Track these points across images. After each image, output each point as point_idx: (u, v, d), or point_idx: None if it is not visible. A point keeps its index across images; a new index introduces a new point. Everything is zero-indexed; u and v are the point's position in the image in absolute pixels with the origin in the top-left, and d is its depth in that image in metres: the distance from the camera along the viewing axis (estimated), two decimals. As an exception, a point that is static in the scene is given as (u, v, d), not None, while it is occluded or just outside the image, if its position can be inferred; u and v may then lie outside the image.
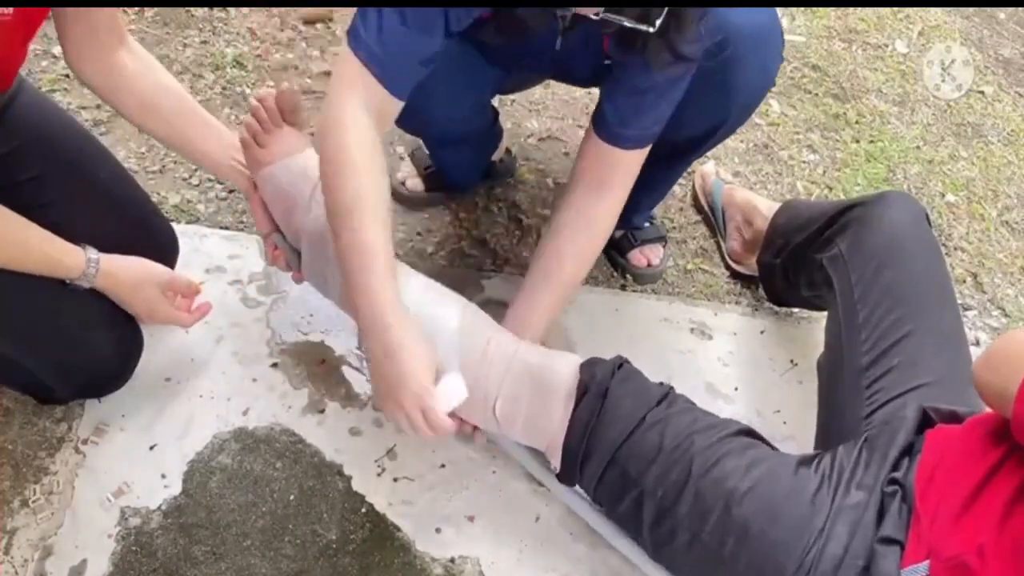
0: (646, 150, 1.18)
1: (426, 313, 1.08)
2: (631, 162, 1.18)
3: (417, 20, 0.97)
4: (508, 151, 1.64)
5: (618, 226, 1.55)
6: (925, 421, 0.98)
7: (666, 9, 0.93)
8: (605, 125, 1.15)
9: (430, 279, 1.16)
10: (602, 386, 1.04)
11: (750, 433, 1.04)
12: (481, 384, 1.07)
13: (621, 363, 1.08)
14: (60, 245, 1.02)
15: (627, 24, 0.93)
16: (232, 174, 1.20)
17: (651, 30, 0.94)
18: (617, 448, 1.00)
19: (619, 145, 1.15)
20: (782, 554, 0.90)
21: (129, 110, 1.14)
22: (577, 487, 1.11)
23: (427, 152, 1.53)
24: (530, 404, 1.07)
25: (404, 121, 1.36)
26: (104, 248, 1.07)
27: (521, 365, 1.08)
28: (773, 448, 1.05)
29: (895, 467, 0.93)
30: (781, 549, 0.90)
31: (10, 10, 0.88)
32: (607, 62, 1.13)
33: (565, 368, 1.07)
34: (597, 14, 0.92)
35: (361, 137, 0.99)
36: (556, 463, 1.08)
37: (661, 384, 1.08)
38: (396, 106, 1.03)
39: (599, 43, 1.09)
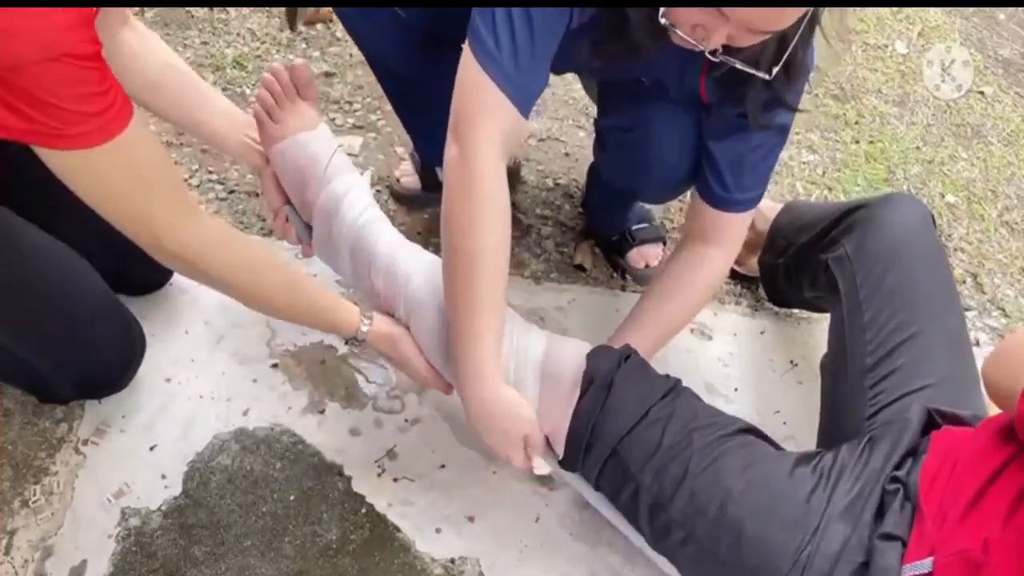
0: (750, 214, 1.18)
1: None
2: (735, 225, 1.18)
3: (545, 22, 0.95)
4: (516, 161, 1.63)
5: (616, 227, 1.56)
6: (929, 423, 0.98)
7: (785, 57, 0.94)
8: (706, 187, 1.16)
9: (436, 259, 1.15)
10: (607, 378, 1.04)
11: (752, 431, 1.04)
12: None
13: (628, 355, 1.08)
14: (340, 308, 1.09)
15: (740, 67, 0.93)
16: (242, 150, 1.19)
17: (767, 77, 0.94)
18: (618, 442, 1.01)
19: (720, 208, 1.16)
20: (776, 554, 0.90)
21: (135, 89, 1.12)
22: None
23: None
24: (536, 391, 1.07)
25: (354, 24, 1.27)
26: (106, 250, 1.06)
27: (527, 352, 1.08)
28: (776, 446, 1.05)
29: (898, 467, 0.93)
30: (775, 549, 0.90)
31: None
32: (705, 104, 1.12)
33: (570, 358, 1.07)
34: (716, 55, 0.91)
35: (497, 185, 0.98)
36: (559, 450, 1.08)
37: (667, 377, 1.08)
38: (524, 126, 1.02)
39: (696, 80, 1.08)
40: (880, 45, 2.21)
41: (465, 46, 0.98)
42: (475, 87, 0.96)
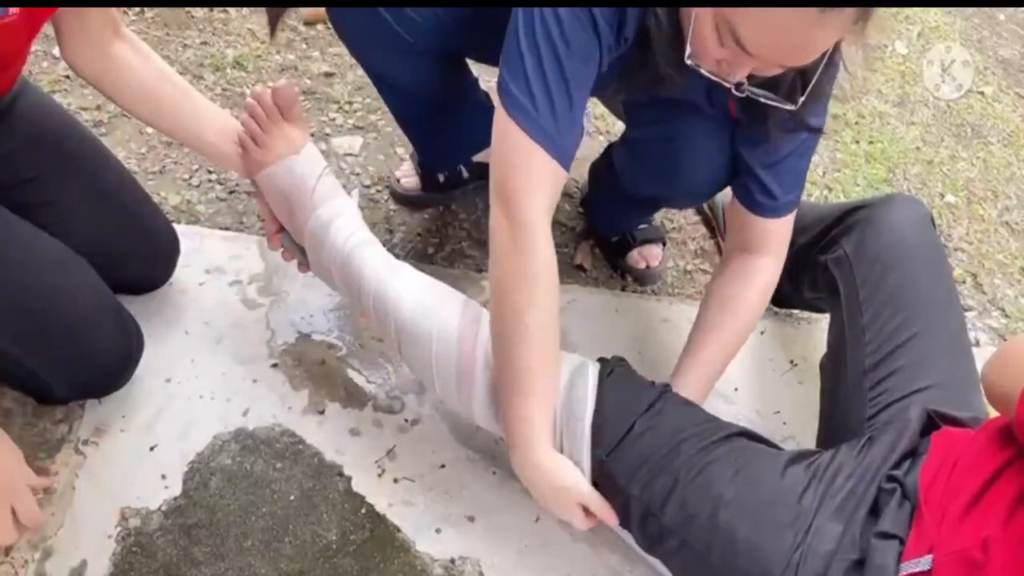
0: (791, 217, 1.17)
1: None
2: (781, 231, 1.18)
3: (577, 73, 0.93)
4: None
5: (617, 228, 1.56)
6: (929, 424, 0.98)
7: (810, 88, 0.94)
8: (748, 196, 1.15)
9: (433, 281, 1.16)
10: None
11: (744, 434, 1.04)
12: (479, 390, 1.09)
13: (612, 369, 1.08)
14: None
15: (764, 100, 0.93)
16: (235, 160, 1.18)
17: (793, 108, 0.94)
18: (606, 456, 1.01)
19: (766, 215, 1.15)
20: (769, 557, 0.90)
21: (127, 101, 1.12)
22: None
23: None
24: None
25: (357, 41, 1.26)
26: (105, 249, 1.07)
27: None
28: (774, 445, 1.04)
29: (896, 466, 0.93)
30: (768, 552, 0.90)
31: (15, 11, 0.88)
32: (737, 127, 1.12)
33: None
34: (741, 90, 0.91)
35: (548, 257, 0.99)
36: None
37: (653, 384, 1.08)
38: (566, 178, 1.01)
39: (724, 98, 1.08)
40: (880, 45, 2.22)
41: (498, 106, 0.96)
42: (517, 153, 0.95)
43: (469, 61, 1.39)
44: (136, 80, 1.11)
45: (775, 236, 1.18)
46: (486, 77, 1.56)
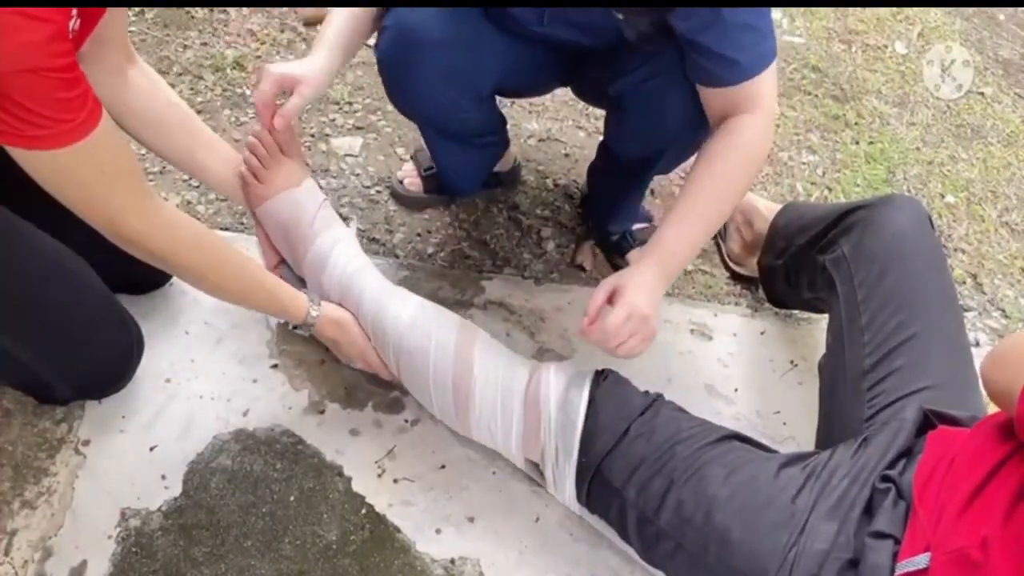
0: (770, 71, 1.08)
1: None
2: (759, 88, 1.08)
3: None
4: (516, 161, 1.64)
5: (617, 227, 1.56)
6: (925, 423, 0.98)
7: None
8: (712, 74, 1.08)
9: (430, 303, 1.20)
10: (588, 399, 1.05)
11: (737, 437, 1.04)
12: (476, 403, 1.11)
13: (607, 374, 1.08)
14: (287, 292, 1.13)
15: None
16: (240, 193, 1.22)
17: None
18: (601, 460, 1.01)
19: (735, 81, 1.07)
20: (763, 556, 0.90)
21: (136, 127, 1.15)
22: None
23: (429, 154, 1.53)
24: (521, 419, 1.09)
25: (402, 99, 1.29)
26: (105, 249, 1.07)
27: (512, 384, 1.10)
28: (767, 449, 1.05)
29: (891, 466, 0.94)
30: (762, 552, 0.91)
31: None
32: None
33: (552, 381, 1.08)
34: None
35: None
36: (548, 473, 1.09)
37: (647, 393, 1.09)
38: None
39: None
40: (880, 45, 2.22)
41: None
42: None
43: None
44: (145, 107, 1.14)
45: (753, 96, 1.08)
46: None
